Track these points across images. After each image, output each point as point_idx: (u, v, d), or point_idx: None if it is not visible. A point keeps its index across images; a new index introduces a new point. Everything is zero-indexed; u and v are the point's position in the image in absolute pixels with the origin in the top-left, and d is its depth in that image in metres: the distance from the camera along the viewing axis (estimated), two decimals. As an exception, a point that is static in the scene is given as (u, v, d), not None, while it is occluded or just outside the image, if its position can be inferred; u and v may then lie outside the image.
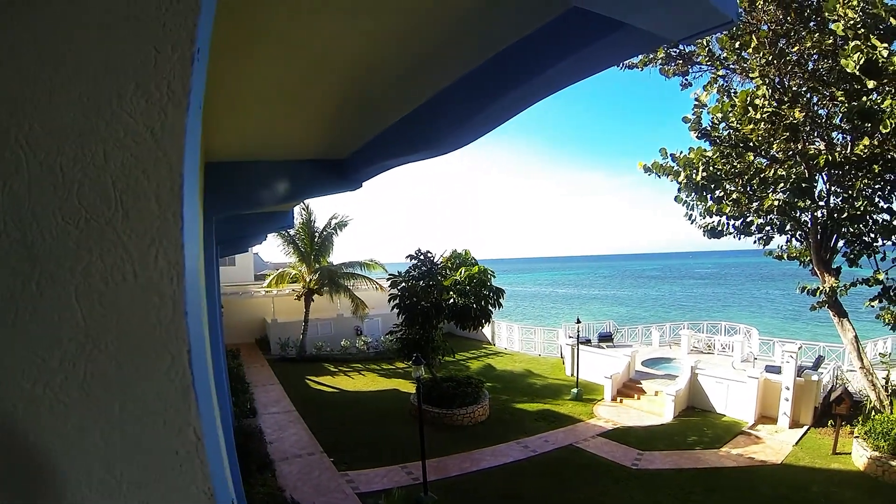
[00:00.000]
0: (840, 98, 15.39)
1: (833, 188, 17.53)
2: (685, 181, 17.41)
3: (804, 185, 16.72)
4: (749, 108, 16.13)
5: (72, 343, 1.26)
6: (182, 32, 1.26)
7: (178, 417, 1.33)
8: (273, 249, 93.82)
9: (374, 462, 16.75)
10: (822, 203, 17.58)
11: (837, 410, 17.94)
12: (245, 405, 20.33)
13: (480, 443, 18.94)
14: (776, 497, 15.23)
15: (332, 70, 4.49)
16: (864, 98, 14.34)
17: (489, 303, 23.26)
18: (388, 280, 24.52)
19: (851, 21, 13.87)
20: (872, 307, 17.79)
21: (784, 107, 16.29)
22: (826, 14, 14.39)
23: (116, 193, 1.24)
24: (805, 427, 20.11)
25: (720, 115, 16.84)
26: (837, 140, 17.27)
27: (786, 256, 19.93)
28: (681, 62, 17.69)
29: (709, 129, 17.18)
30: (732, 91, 17.39)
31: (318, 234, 33.96)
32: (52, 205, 1.22)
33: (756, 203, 17.32)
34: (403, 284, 22.55)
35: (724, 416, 21.76)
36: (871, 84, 13.88)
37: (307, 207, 33.53)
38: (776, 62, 15.98)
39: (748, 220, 18.22)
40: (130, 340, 1.27)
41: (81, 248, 1.23)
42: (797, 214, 17.87)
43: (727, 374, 22.85)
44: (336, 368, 30.82)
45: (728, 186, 17.70)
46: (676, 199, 18.18)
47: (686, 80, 18.24)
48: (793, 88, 16.66)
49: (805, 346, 26.43)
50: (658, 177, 17.75)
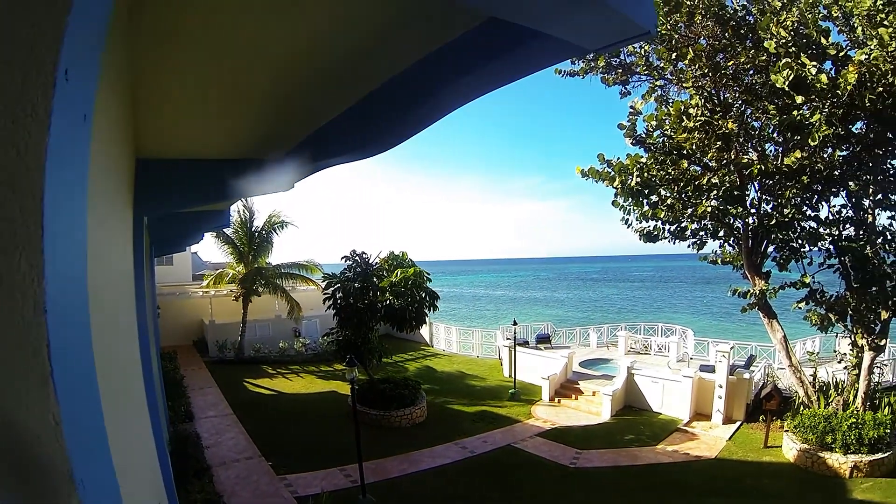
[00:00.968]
0: (772, 111, 16.08)
1: (764, 196, 18.30)
2: (620, 186, 17.85)
3: (736, 193, 17.40)
4: (683, 118, 16.69)
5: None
6: (47, 55, 1.36)
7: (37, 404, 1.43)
8: (213, 248, 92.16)
9: (313, 465, 16.59)
10: (754, 210, 18.28)
11: (768, 406, 18.85)
12: (181, 409, 19.81)
13: (419, 444, 18.98)
14: (711, 490, 15.84)
15: (260, 70, 4.48)
16: (794, 112, 15.02)
17: (424, 305, 23.32)
18: (323, 281, 24.27)
19: (783, 39, 14.62)
20: (800, 308, 18.70)
21: (717, 117, 16.93)
22: (760, 32, 15.04)
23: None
24: (738, 423, 21.03)
25: (654, 123, 17.37)
26: (770, 151, 17.98)
27: (719, 261, 20.71)
28: (620, 71, 18.10)
29: (643, 137, 17.67)
30: (669, 101, 17.91)
31: (257, 234, 33.41)
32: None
33: (690, 209, 17.91)
34: (338, 285, 22.36)
35: (661, 415, 22.44)
36: (800, 99, 14.62)
37: (249, 207, 33.04)
38: (711, 75, 16.60)
39: (683, 226, 18.84)
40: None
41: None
42: (730, 221, 18.53)
43: (663, 374, 23.57)
44: (274, 370, 30.38)
45: (663, 192, 18.24)
46: (613, 204, 18.60)
47: (625, 89, 18.67)
48: (728, 100, 17.33)
49: (738, 346, 27.52)
50: (595, 182, 18.14)
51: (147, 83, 4.46)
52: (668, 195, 18.15)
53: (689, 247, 19.60)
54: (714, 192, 17.29)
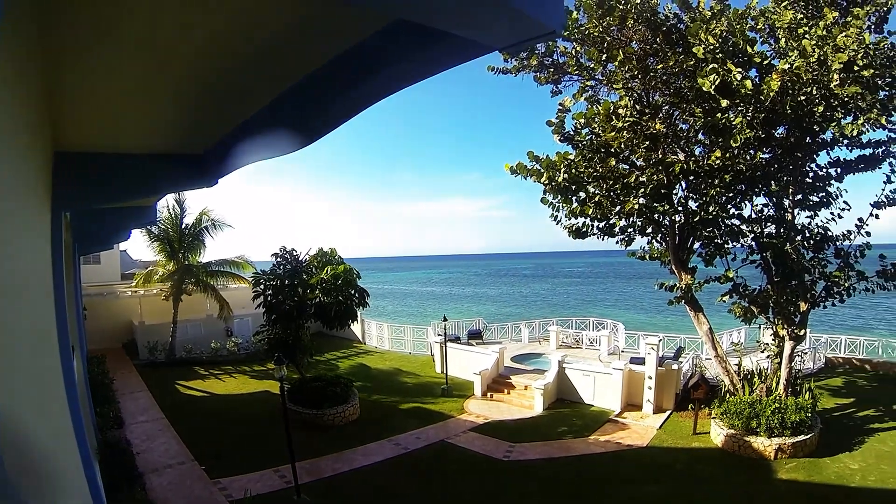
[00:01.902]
0: (699, 114, 16.69)
1: (690, 195, 18.92)
2: (548, 183, 18.16)
3: (663, 191, 17.93)
4: (612, 117, 17.10)
5: None
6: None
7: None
8: (143, 246, 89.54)
9: (248, 467, 16.32)
10: (681, 208, 18.88)
11: (696, 395, 19.67)
12: (109, 415, 19.04)
13: (353, 442, 18.88)
14: (643, 477, 16.40)
15: (176, 66, 4.46)
16: (719, 115, 15.63)
17: (354, 302, 23.26)
18: (253, 278, 23.85)
19: (712, 46, 15.27)
20: (724, 302, 19.44)
21: (645, 118, 17.43)
22: (690, 38, 15.60)
23: None
24: (668, 412, 21.78)
25: (583, 122, 17.72)
26: (698, 151, 18.59)
27: (647, 257, 21.32)
28: (552, 70, 18.38)
29: (571, 134, 18.03)
30: (599, 101, 18.29)
31: (188, 231, 32.59)
32: None
33: (618, 206, 18.35)
34: (268, 283, 22.13)
35: (593, 406, 22.94)
36: (725, 103, 15.24)
37: (180, 203, 32.18)
38: (641, 77, 17.10)
39: (611, 223, 19.30)
40: None
41: None
42: (658, 218, 19.07)
43: (594, 367, 24.11)
44: (207, 372, 29.71)
45: (591, 189, 18.65)
46: (542, 201, 18.90)
47: (557, 88, 18.97)
48: (656, 102, 17.86)
49: (667, 339, 28.50)
50: (524, 178, 18.40)
51: (63, 75, 4.40)
52: (597, 192, 18.57)
53: (618, 243, 20.20)
54: (642, 190, 17.76)
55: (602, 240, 19.93)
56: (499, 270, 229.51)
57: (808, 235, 18.39)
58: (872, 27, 16.34)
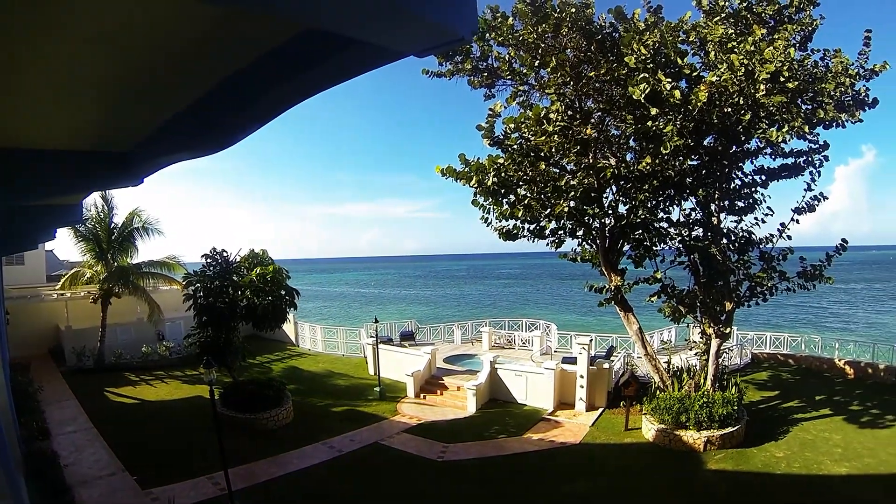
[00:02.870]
0: (629, 120, 17.24)
1: (620, 198, 19.36)
2: (477, 186, 18.36)
3: (594, 195, 18.35)
4: (543, 122, 17.38)
5: None
6: None
7: None
8: (71, 246, 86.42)
9: (181, 475, 15.94)
10: (611, 211, 19.30)
11: (626, 393, 20.30)
12: (34, 426, 18.30)
13: (287, 446, 18.69)
14: (577, 472, 16.82)
15: (92, 65, 4.44)
16: (650, 123, 16.11)
17: (285, 303, 23.02)
18: (184, 280, 23.29)
19: (643, 56, 15.80)
20: (653, 302, 20.06)
21: (576, 123, 17.80)
22: (623, 48, 16.04)
23: None
24: (600, 409, 22.32)
25: (512, 126, 17.94)
26: (629, 157, 19.08)
27: (579, 258, 21.79)
28: (486, 75, 18.55)
29: (501, 138, 18.25)
30: (531, 105, 18.55)
31: (118, 231, 31.44)
32: None
33: (549, 209, 18.65)
34: (198, 284, 21.62)
35: (526, 406, 23.28)
36: (654, 111, 15.72)
37: (108, 201, 30.96)
38: (574, 83, 17.44)
39: (541, 225, 19.66)
40: None
41: None
42: (588, 220, 19.45)
43: (526, 367, 24.52)
44: (138, 378, 28.61)
45: (522, 192, 18.93)
46: (474, 203, 19.14)
47: (490, 92, 19.15)
48: (588, 108, 18.26)
49: (599, 338, 29.12)
50: (455, 181, 18.54)
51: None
52: (527, 195, 18.86)
53: (548, 245, 20.56)
54: (572, 194, 18.16)
55: (532, 242, 20.31)
56: (433, 272, 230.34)
57: (734, 239, 19.36)
58: (797, 45, 17.22)
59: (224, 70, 4.71)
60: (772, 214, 19.42)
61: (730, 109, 16.35)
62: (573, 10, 16.60)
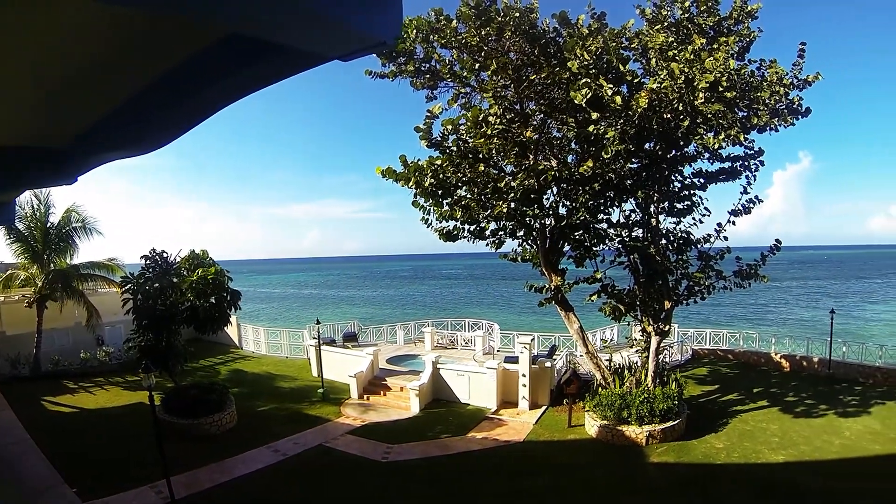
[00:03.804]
0: (571, 124, 17.56)
1: (561, 200, 19.67)
2: (415, 187, 18.46)
3: (533, 196, 18.54)
4: (482, 124, 17.53)
5: None
6: None
7: None
8: (3, 247, 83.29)
9: (123, 485, 15.51)
10: (551, 212, 19.58)
11: (568, 391, 20.81)
12: None
13: (231, 451, 18.44)
14: (522, 470, 17.08)
15: (21, 61, 4.42)
16: (591, 127, 16.42)
17: (227, 305, 22.68)
18: (122, 282, 22.58)
19: (586, 62, 16.16)
20: (593, 301, 20.46)
21: (516, 126, 18.00)
22: (566, 53, 16.31)
23: None
24: (544, 407, 22.73)
25: (450, 128, 18.08)
26: (571, 159, 19.38)
27: (520, 259, 22.08)
28: (429, 77, 18.62)
29: (439, 140, 18.37)
30: (472, 107, 18.67)
31: (54, 231, 30.12)
32: None
33: (488, 210, 18.85)
34: (137, 287, 21.04)
35: (469, 405, 23.53)
36: (595, 115, 16.06)
37: (43, 200, 29.67)
38: (514, 86, 17.64)
39: (481, 226, 19.87)
40: None
41: None
42: (529, 221, 19.67)
43: (469, 367, 24.78)
44: (76, 385, 27.62)
45: (461, 193, 19.12)
46: (414, 205, 19.23)
47: (432, 94, 19.25)
48: (528, 111, 18.50)
49: (542, 338, 29.48)
50: (395, 182, 18.55)
51: None
52: (467, 196, 19.08)
53: (487, 245, 20.77)
54: (511, 195, 18.37)
55: (472, 242, 20.52)
56: (376, 273, 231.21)
57: (673, 239, 19.93)
58: (735, 55, 17.90)
59: (154, 71, 4.72)
60: (709, 215, 20.17)
61: (669, 115, 16.85)
62: (517, 15, 16.83)
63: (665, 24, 18.13)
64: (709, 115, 16.33)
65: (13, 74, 4.84)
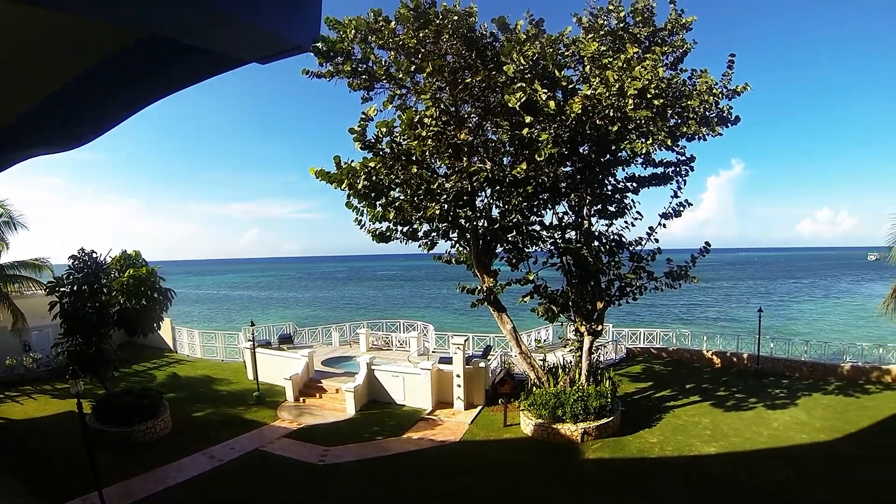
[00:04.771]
0: (505, 126, 17.79)
1: (495, 202, 19.96)
2: (348, 189, 18.47)
3: (466, 198, 18.72)
4: (417, 126, 17.65)
5: None
6: None
7: None
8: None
9: (52, 499, 14.99)
10: (484, 214, 19.85)
11: (503, 391, 21.29)
12: None
13: (165, 458, 18.07)
14: (458, 469, 17.33)
15: None
16: (525, 130, 16.66)
17: (159, 306, 22.10)
18: (47, 285, 21.46)
19: (522, 67, 16.49)
20: (525, 302, 20.93)
21: (451, 128, 18.15)
22: (503, 57, 16.58)
23: None
24: (479, 408, 23.01)
25: (384, 130, 18.12)
26: (505, 162, 19.60)
27: (454, 260, 22.29)
28: (365, 77, 18.59)
29: (373, 142, 18.41)
30: (407, 109, 18.75)
31: None
32: None
33: (421, 212, 18.96)
34: (65, 288, 20.18)
35: (405, 406, 23.66)
36: (529, 119, 16.36)
37: None
38: (450, 89, 17.79)
39: (414, 227, 19.96)
40: None
41: None
42: (462, 223, 19.85)
43: (403, 368, 24.88)
44: (2, 394, 26.32)
45: (395, 194, 19.20)
46: (347, 206, 19.16)
47: (368, 95, 19.23)
48: (464, 113, 18.67)
49: (477, 338, 29.75)
50: (328, 184, 18.51)
51: None
52: (400, 198, 19.14)
53: (420, 247, 20.90)
54: (444, 197, 18.56)
55: (405, 244, 20.60)
56: (312, 274, 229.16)
57: (605, 241, 20.57)
58: (669, 65, 18.82)
59: (76, 68, 4.63)
60: (641, 218, 20.84)
61: (601, 121, 17.24)
62: (455, 18, 17.05)
63: (601, 33, 18.72)
64: (639, 122, 16.82)
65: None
